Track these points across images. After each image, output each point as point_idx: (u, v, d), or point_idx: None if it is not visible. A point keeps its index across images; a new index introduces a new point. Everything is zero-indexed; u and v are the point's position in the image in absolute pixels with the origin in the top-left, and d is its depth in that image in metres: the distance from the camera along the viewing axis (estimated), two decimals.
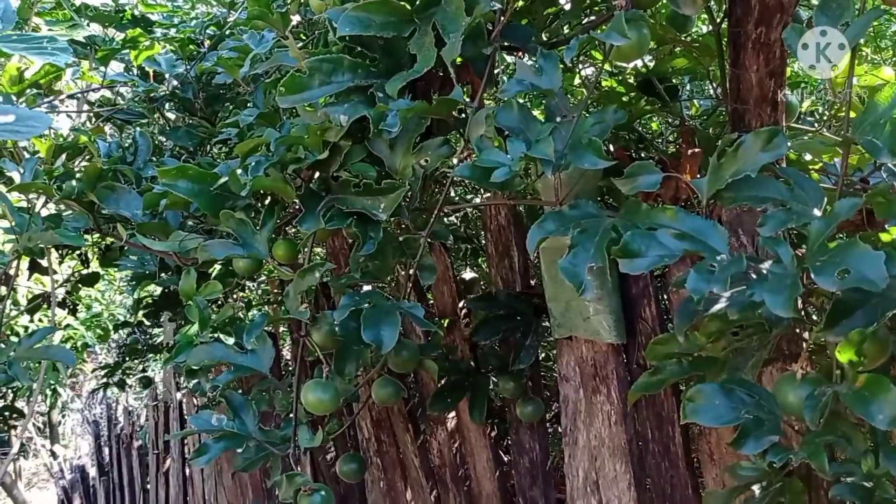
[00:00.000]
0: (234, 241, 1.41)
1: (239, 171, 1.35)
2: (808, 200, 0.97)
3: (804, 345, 1.05)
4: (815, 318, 1.10)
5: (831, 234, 0.88)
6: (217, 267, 1.83)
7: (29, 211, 1.66)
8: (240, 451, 1.48)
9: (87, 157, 1.88)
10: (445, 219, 2.51)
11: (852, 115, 1.05)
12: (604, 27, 1.16)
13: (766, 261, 0.94)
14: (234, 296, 2.94)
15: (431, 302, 2.04)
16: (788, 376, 0.98)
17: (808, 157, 1.59)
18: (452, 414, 2.01)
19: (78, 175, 1.64)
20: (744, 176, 0.98)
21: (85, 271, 2.57)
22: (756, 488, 1.21)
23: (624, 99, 1.84)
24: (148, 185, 1.62)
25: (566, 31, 1.65)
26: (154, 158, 1.89)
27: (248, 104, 1.81)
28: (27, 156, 1.76)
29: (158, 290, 2.59)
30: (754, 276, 0.90)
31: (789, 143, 1.41)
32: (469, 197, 2.44)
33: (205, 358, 1.44)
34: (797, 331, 1.20)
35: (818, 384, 0.93)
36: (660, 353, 1.22)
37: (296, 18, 1.75)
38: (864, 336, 0.87)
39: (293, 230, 2.01)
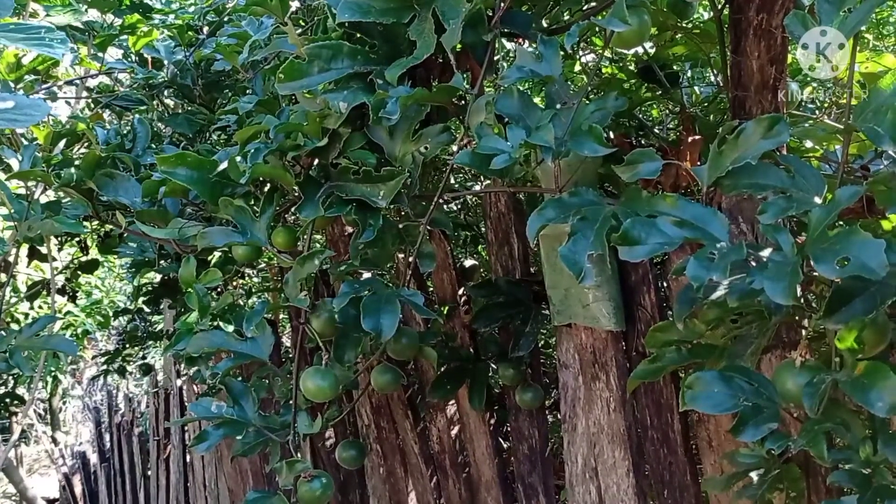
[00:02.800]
0: (234, 228, 1.41)
1: (238, 159, 1.34)
2: (808, 188, 0.97)
3: (803, 332, 1.05)
4: (814, 305, 1.10)
5: (832, 222, 0.88)
6: (217, 254, 1.83)
7: (27, 198, 1.66)
8: (239, 437, 1.48)
9: (86, 144, 1.87)
10: (445, 206, 2.51)
11: (854, 102, 1.04)
12: (604, 13, 1.15)
13: (765, 248, 0.94)
14: (234, 283, 2.95)
15: (431, 289, 2.04)
16: (788, 364, 0.98)
17: (808, 144, 1.58)
18: (452, 401, 2.02)
19: (77, 162, 1.64)
20: (744, 163, 0.97)
21: (84, 258, 2.57)
22: (754, 475, 1.22)
23: (625, 86, 1.83)
24: (147, 172, 1.61)
25: (566, 17, 1.64)
26: (153, 146, 1.88)
27: (248, 91, 1.80)
28: (25, 143, 1.76)
29: (158, 277, 2.59)
30: (754, 264, 0.90)
31: (790, 131, 1.41)
32: (469, 184, 2.44)
33: (204, 345, 1.44)
34: (797, 318, 1.20)
35: (817, 371, 0.93)
36: (659, 341, 1.22)
37: (295, 4, 1.74)
38: (864, 323, 0.87)
39: (293, 217, 2.01)
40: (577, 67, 2.11)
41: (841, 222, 1.43)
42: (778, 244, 0.90)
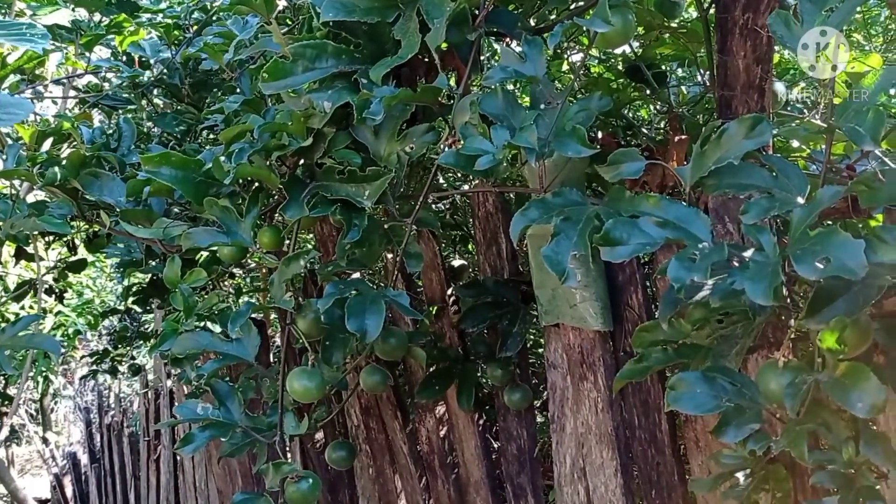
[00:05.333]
0: (218, 228, 1.40)
1: (222, 158, 1.33)
2: (791, 188, 0.97)
3: (788, 332, 1.05)
4: (800, 305, 1.10)
5: (813, 222, 0.87)
6: (204, 254, 1.82)
7: (12, 197, 1.64)
8: (225, 438, 1.48)
9: (73, 143, 1.86)
10: (435, 206, 2.50)
11: (837, 101, 1.04)
12: (590, 13, 1.15)
13: (749, 248, 0.94)
14: (225, 283, 2.94)
15: (421, 289, 2.03)
16: (771, 364, 0.98)
17: (795, 143, 1.58)
18: (441, 401, 2.01)
19: (63, 162, 1.63)
20: (727, 163, 0.97)
21: (72, 258, 2.56)
22: (740, 475, 1.21)
23: (612, 85, 1.83)
24: (132, 171, 1.60)
25: (553, 16, 1.64)
26: (142, 145, 1.87)
27: (237, 90, 1.79)
28: (10, 142, 1.74)
29: (149, 276, 2.58)
30: (736, 264, 0.90)
31: (775, 130, 1.41)
32: (458, 184, 2.43)
33: (190, 346, 1.43)
34: (783, 318, 1.20)
35: (800, 372, 0.92)
36: (645, 341, 1.22)
37: (282, 3, 1.73)
38: (845, 324, 0.87)
39: (281, 217, 2.00)
40: (565, 67, 2.10)
41: (829, 222, 1.43)
42: (760, 244, 0.90)
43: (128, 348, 3.45)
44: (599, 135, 1.75)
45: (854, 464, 0.94)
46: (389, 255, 1.85)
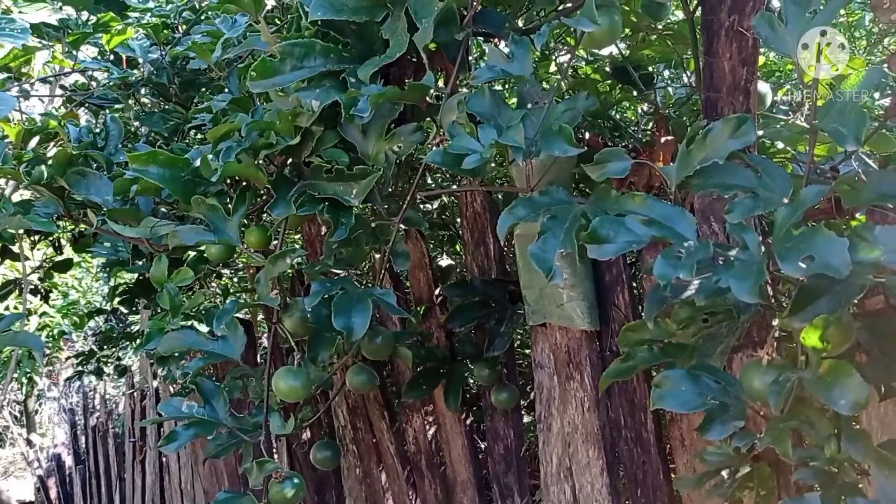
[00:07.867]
0: (206, 227, 1.40)
1: (210, 157, 1.33)
2: (775, 188, 0.97)
3: (772, 331, 1.06)
4: (784, 304, 1.11)
5: (797, 221, 0.88)
6: (192, 253, 1.81)
7: None
8: (210, 438, 1.47)
9: (60, 142, 1.85)
10: (423, 206, 2.51)
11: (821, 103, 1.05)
12: (577, 14, 1.15)
13: (734, 248, 0.94)
14: (214, 283, 2.93)
15: (408, 289, 2.04)
16: (755, 362, 0.99)
17: (780, 145, 1.60)
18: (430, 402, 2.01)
19: (49, 160, 1.62)
20: (712, 163, 0.98)
21: (58, 258, 2.54)
22: (725, 473, 1.22)
23: (600, 87, 1.84)
24: (119, 170, 1.60)
25: (541, 16, 1.64)
26: (129, 144, 1.86)
27: (225, 89, 1.79)
28: None
29: (135, 276, 2.56)
30: (721, 263, 0.91)
31: (760, 132, 1.42)
32: (446, 184, 2.44)
33: (175, 345, 1.43)
34: (767, 317, 1.21)
35: (783, 370, 0.93)
36: (631, 340, 1.23)
37: (270, 2, 1.73)
38: (828, 322, 0.88)
39: (269, 216, 2.00)
40: (553, 68, 2.11)
41: (812, 223, 1.44)
42: (744, 243, 0.91)
43: (113, 349, 3.43)
44: (587, 136, 1.76)
45: (836, 460, 0.95)
46: (377, 255, 1.85)
